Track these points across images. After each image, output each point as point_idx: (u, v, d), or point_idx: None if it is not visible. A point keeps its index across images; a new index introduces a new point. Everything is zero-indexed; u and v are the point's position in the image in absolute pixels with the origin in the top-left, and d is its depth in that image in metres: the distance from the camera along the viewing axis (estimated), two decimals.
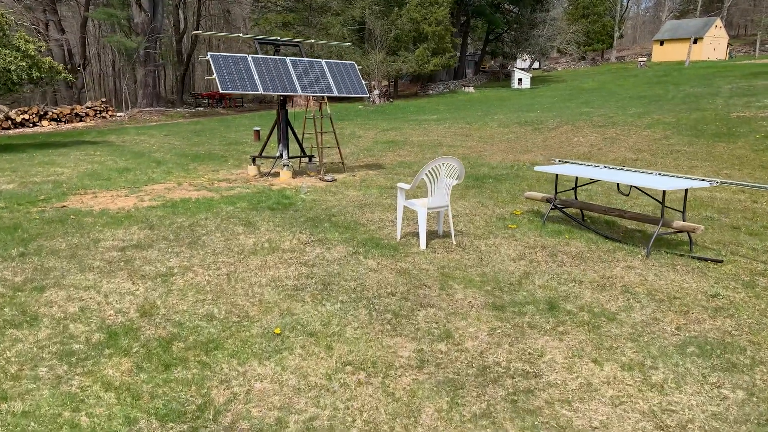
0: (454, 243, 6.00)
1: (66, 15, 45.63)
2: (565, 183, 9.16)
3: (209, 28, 51.24)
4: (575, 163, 7.24)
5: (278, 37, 10.22)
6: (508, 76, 55.70)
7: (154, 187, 9.16)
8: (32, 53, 14.78)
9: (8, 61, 14.14)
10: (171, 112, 35.25)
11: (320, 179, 10.13)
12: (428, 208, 5.87)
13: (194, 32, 9.84)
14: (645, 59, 55.30)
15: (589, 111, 19.61)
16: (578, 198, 7.77)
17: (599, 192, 8.62)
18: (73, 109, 32.37)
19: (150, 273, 5.01)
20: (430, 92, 40.21)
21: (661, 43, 63.03)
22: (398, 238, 6.18)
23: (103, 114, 33.69)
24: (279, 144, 10.38)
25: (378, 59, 33.27)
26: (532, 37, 47.82)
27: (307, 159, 11.29)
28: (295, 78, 9.90)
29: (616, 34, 69.27)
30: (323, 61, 10.57)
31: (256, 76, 9.49)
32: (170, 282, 4.78)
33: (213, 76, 9.09)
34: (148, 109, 35.51)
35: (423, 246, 5.81)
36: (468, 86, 40.37)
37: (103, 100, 35.10)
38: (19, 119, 29.20)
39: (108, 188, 9.11)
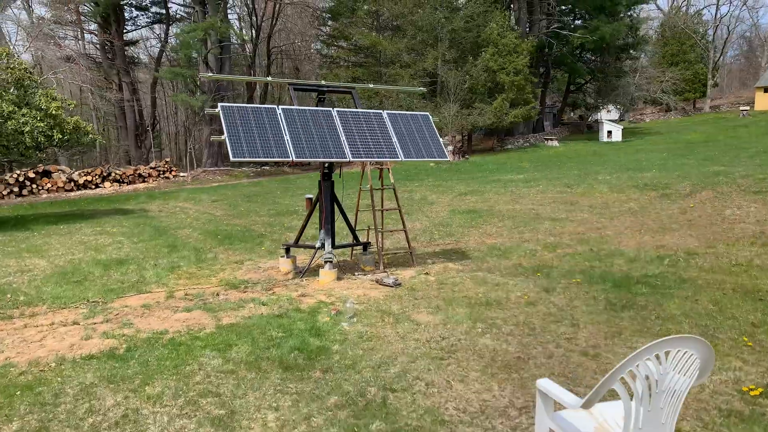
0: None
1: (143, 78, 46.11)
2: None
3: (280, 86, 50.59)
4: None
5: (322, 81, 7.26)
6: (591, 128, 51.62)
7: (129, 302, 6.17)
8: (54, 112, 12.69)
9: (22, 122, 12.06)
10: (236, 172, 33.60)
11: (377, 281, 6.87)
12: None
13: (201, 75, 7.01)
14: (747, 108, 49.75)
15: (722, 170, 15.55)
16: None
17: None
18: (136, 170, 31.27)
19: None
20: (509, 146, 36.80)
21: (766, 90, 57.08)
22: None
23: (167, 174, 32.43)
24: (321, 229, 7.26)
25: (452, 112, 30.38)
26: (620, 86, 43.78)
27: (360, 248, 8.10)
28: (344, 137, 6.84)
29: (710, 83, 63.80)
30: (385, 113, 7.49)
31: (287, 136, 6.50)
32: None
33: (222, 137, 6.17)
34: (212, 169, 34.05)
35: None
36: (551, 139, 36.70)
37: (167, 160, 33.98)
38: (81, 181, 28.21)
39: (63, 303, 6.21)
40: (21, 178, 25.72)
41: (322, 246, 7.15)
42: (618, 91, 44.48)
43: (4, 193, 25.18)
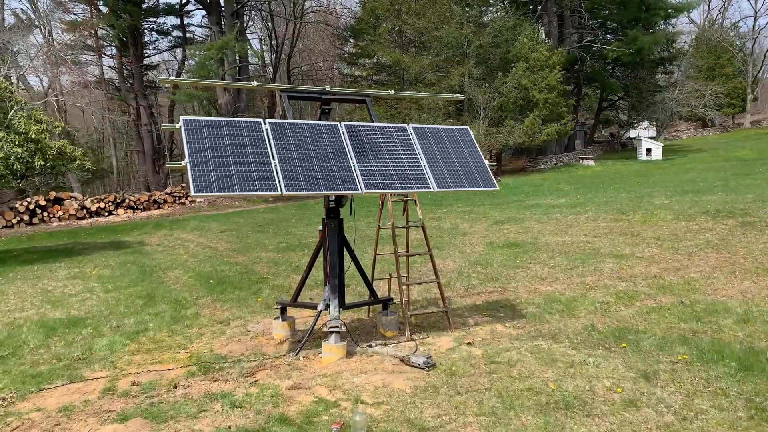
0: None
1: (165, 102, 45.26)
2: None
3: (301, 108, 49.25)
4: None
5: (327, 87, 5.45)
6: (625, 146, 49.13)
7: (47, 402, 4.34)
8: (34, 136, 11.17)
9: None
10: (254, 197, 32.13)
11: (403, 360, 4.95)
12: None
13: (159, 78, 5.28)
14: None
15: None
16: None
17: None
18: (151, 196, 30.05)
19: None
20: (541, 167, 34.67)
21: None
22: None
23: (183, 200, 31.12)
24: (325, 284, 5.39)
25: (481, 131, 28.48)
26: (656, 101, 41.38)
27: (380, 306, 6.18)
28: (354, 161, 5.00)
29: (749, 97, 60.84)
30: (410, 127, 5.63)
31: (275, 161, 4.69)
32: None
33: (183, 164, 4.39)
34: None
35: None
36: (587, 158, 34.48)
37: (183, 185, 32.71)
38: (94, 208, 27.11)
39: None
40: (32, 206, 24.74)
41: (327, 307, 5.27)
42: (655, 106, 42.07)
43: (14, 221, 24.14)
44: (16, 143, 11.06)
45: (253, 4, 39.42)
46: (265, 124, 4.92)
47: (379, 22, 36.09)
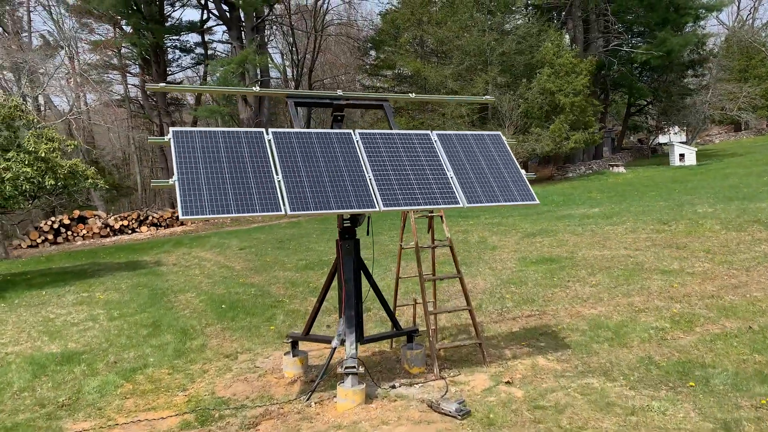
0: None
1: (189, 119, 45.39)
2: None
3: (322, 121, 49.00)
4: None
5: (339, 91, 4.81)
6: (655, 152, 47.65)
7: None
8: (44, 155, 10.78)
9: (2, 167, 10.16)
10: (254, 217, 31.72)
11: (431, 406, 4.23)
12: None
13: (148, 86, 4.66)
14: None
15: None
16: None
17: None
18: (174, 213, 29.89)
19: None
20: (570, 175, 33.61)
21: None
22: None
23: None
24: (341, 315, 4.72)
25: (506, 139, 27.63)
26: (687, 105, 40.02)
27: (404, 338, 5.46)
28: (371, 174, 4.35)
29: None
30: (434, 134, 4.95)
31: (279, 176, 4.06)
32: None
33: (171, 182, 3.78)
34: None
35: None
36: (617, 165, 33.33)
37: None
38: (117, 226, 27.07)
39: None
40: (56, 225, 24.78)
41: (342, 343, 4.59)
42: (686, 110, 40.69)
43: (39, 240, 24.18)
44: (26, 163, 10.68)
45: (273, 18, 39.37)
46: (267, 134, 4.30)
47: (400, 32, 35.62)
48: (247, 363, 5.57)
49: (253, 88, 4.46)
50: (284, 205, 3.92)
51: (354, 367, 4.32)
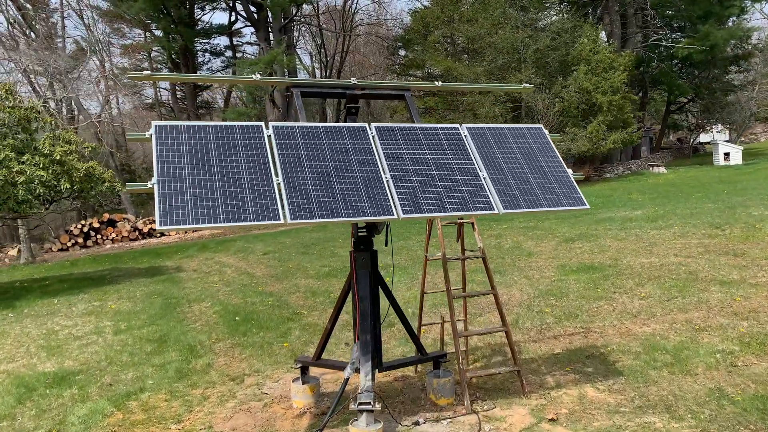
0: None
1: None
2: None
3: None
4: None
5: (353, 80, 4.16)
6: (697, 151, 45.80)
7: None
8: (59, 158, 10.44)
9: (16, 171, 9.83)
10: (247, 227, 31.35)
11: None
12: None
13: (130, 75, 4.11)
14: None
15: None
16: None
17: None
18: None
19: None
20: (607, 175, 32.34)
21: None
22: None
23: None
24: (355, 340, 4.06)
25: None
26: (731, 102, 38.21)
27: (430, 363, 4.76)
28: (388, 175, 3.68)
29: None
30: (464, 128, 4.25)
31: (278, 178, 3.42)
32: None
33: (149, 185, 3.18)
34: None
35: None
36: (657, 165, 31.96)
37: None
38: (146, 229, 27.11)
39: None
40: (86, 229, 24.95)
41: (357, 371, 3.93)
42: (730, 108, 38.88)
43: (69, 244, 24.35)
44: (41, 166, 10.35)
45: (301, 19, 39.08)
46: (267, 128, 3.67)
47: (430, 30, 34.87)
48: (254, 388, 4.95)
49: (253, 76, 3.89)
50: (284, 212, 3.28)
51: (369, 402, 3.65)
